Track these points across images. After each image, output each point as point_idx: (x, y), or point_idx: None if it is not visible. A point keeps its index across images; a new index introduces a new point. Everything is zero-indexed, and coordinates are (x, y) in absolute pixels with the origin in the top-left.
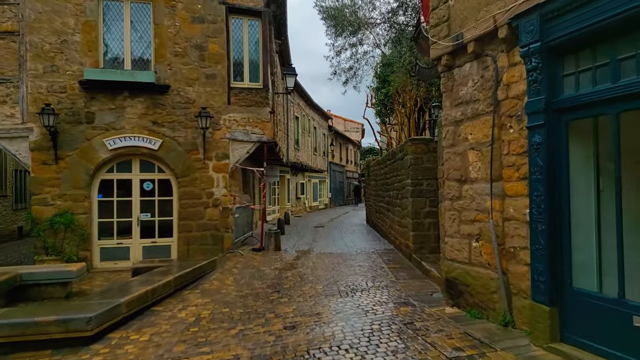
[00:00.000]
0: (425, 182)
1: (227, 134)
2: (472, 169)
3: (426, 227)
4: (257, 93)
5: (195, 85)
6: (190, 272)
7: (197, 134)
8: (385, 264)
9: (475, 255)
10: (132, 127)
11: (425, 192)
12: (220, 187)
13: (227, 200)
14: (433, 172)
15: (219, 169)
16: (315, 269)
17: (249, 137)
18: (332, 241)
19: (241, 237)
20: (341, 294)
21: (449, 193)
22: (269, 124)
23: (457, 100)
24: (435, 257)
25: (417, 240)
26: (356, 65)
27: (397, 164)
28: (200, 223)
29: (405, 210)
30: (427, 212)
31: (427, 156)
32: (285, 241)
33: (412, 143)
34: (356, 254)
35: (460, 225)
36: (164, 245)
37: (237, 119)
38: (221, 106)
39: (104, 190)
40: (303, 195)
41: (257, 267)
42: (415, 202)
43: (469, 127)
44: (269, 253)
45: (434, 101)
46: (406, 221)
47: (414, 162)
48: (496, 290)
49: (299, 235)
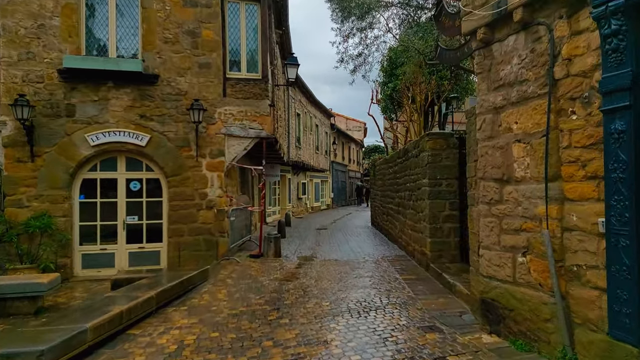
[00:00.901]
0: (444, 182)
1: (223, 129)
2: (518, 167)
3: (445, 233)
4: (256, 84)
5: (187, 75)
6: (177, 285)
7: (189, 128)
8: (399, 274)
9: (521, 272)
10: (117, 121)
11: (445, 193)
12: (215, 187)
13: (223, 201)
14: (453, 170)
15: (213, 168)
16: (320, 280)
17: (247, 133)
18: (337, 245)
19: (238, 241)
20: (352, 314)
21: (485, 196)
22: (269, 117)
23: (497, 82)
24: (457, 268)
25: (435, 248)
26: (365, 51)
27: (410, 161)
28: (193, 227)
29: (420, 213)
30: (447, 215)
31: (447, 153)
32: (286, 245)
33: (429, 138)
34: (364, 261)
35: (501, 235)
36: (153, 251)
37: (233, 113)
38: (216, 98)
39: (86, 191)
40: (304, 195)
41: (255, 277)
42: (433, 204)
43: (514, 114)
44: (268, 260)
45: (446, 95)
46: (422, 226)
47: (431, 159)
48: (551, 317)
49: (301, 239)
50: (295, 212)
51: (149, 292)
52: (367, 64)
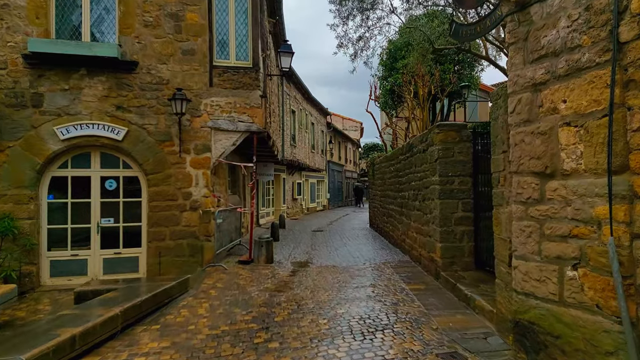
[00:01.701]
0: (456, 179)
1: (209, 122)
2: (567, 156)
3: (458, 237)
4: (246, 73)
5: (169, 63)
6: (150, 300)
7: (171, 121)
8: (405, 283)
9: (571, 290)
10: (91, 113)
11: (457, 192)
12: (200, 187)
13: (209, 202)
14: (467, 166)
15: (198, 165)
16: (316, 291)
17: (236, 126)
18: (334, 249)
19: (227, 245)
20: (354, 335)
21: (520, 194)
22: (260, 110)
23: (537, 52)
24: (472, 278)
25: (447, 254)
26: (367, 34)
27: (415, 158)
28: (175, 230)
29: (428, 215)
30: (460, 217)
31: (460, 147)
32: (279, 249)
33: (440, 130)
34: (365, 268)
35: (543, 243)
36: (130, 257)
37: (221, 104)
38: (201, 88)
39: (55, 190)
40: (300, 196)
41: (243, 287)
42: (445, 204)
43: (561, 90)
44: (258, 266)
45: (450, 89)
46: (430, 229)
47: (442, 154)
48: (615, 350)
49: (296, 242)
50: (290, 214)
51: (113, 309)
52: (368, 48)
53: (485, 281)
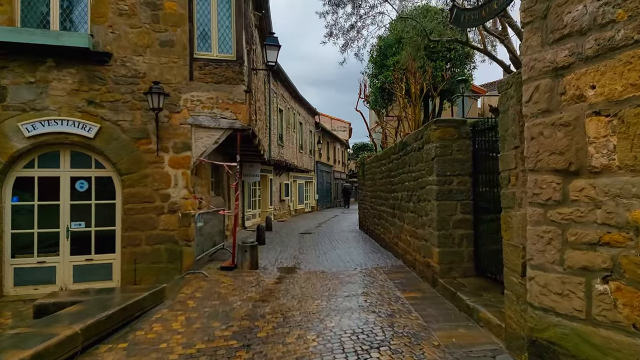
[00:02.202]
0: (455, 179)
1: (189, 119)
2: (596, 151)
3: (457, 242)
4: (229, 66)
5: (146, 55)
6: (118, 314)
7: (148, 117)
8: (400, 291)
9: (602, 306)
10: (60, 108)
11: (456, 192)
12: (180, 188)
13: (189, 204)
14: (466, 165)
15: (177, 164)
16: (304, 300)
17: (218, 123)
18: (323, 253)
19: (209, 250)
20: (347, 354)
21: (537, 194)
22: (244, 106)
23: (559, 31)
24: (473, 286)
25: (446, 259)
26: (359, 23)
27: (409, 157)
28: (152, 234)
29: (424, 217)
30: (459, 220)
31: (458, 144)
32: (265, 254)
33: (437, 126)
34: (356, 273)
35: (566, 251)
36: (103, 264)
37: (202, 99)
38: (181, 82)
39: (20, 192)
40: (288, 197)
41: (224, 296)
42: (442, 206)
43: (589, 74)
44: (242, 273)
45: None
46: (426, 232)
47: (440, 152)
48: None
49: (283, 245)
50: (277, 215)
51: (73, 327)
52: (360, 38)
53: (487, 289)
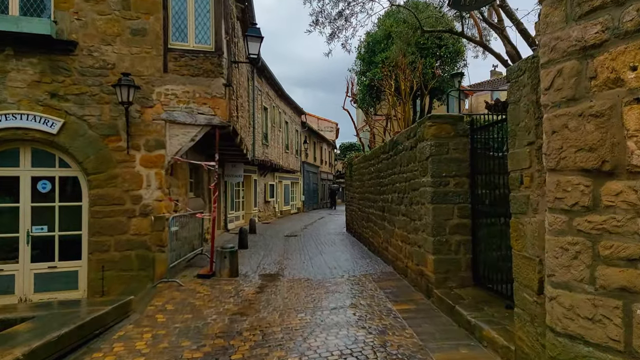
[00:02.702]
0: (452, 180)
1: (163, 114)
2: (638, 147)
3: (454, 249)
4: (207, 58)
5: (115, 44)
6: (73, 333)
7: (118, 112)
8: (392, 302)
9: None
10: (19, 101)
11: (453, 195)
12: (152, 189)
13: (163, 206)
14: (463, 165)
15: (150, 163)
16: (286, 314)
17: (195, 119)
18: (309, 258)
19: (186, 255)
20: None
21: (560, 199)
22: (223, 100)
23: (588, 3)
24: (473, 297)
25: (441, 268)
26: (347, 11)
27: (400, 156)
28: (122, 239)
29: (418, 221)
30: (456, 225)
31: (455, 142)
32: (247, 259)
33: (432, 122)
34: (343, 281)
35: (598, 268)
36: (68, 272)
37: (177, 93)
38: (154, 74)
39: None
40: (273, 198)
41: (198, 309)
42: (438, 210)
43: (629, 53)
44: (220, 281)
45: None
46: (420, 237)
47: (435, 150)
48: None
49: (266, 249)
50: (262, 217)
51: (14, 351)
52: (348, 27)
53: (489, 302)
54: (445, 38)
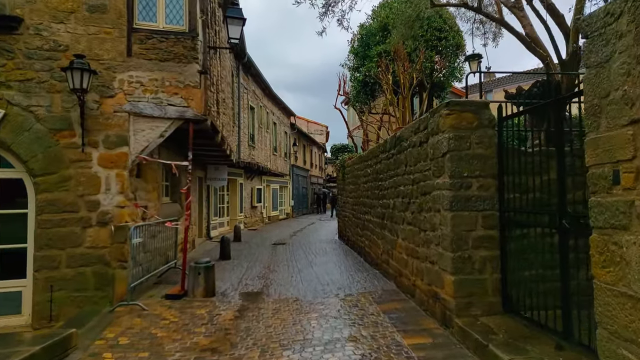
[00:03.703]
0: (475, 182)
1: (126, 105)
2: None
3: (478, 267)
4: (179, 40)
5: (69, 22)
6: None
7: (71, 103)
8: (401, 334)
9: None
10: None
11: (476, 200)
12: (113, 193)
13: (127, 214)
14: (489, 163)
15: (110, 163)
16: (269, 351)
17: (164, 111)
18: (298, 271)
19: (158, 269)
20: None
21: None
22: (198, 90)
23: None
24: (508, 331)
25: (463, 291)
26: None
27: (405, 154)
28: (76, 253)
29: (430, 232)
30: (480, 237)
31: (479, 135)
32: (228, 272)
33: (450, 110)
34: (338, 302)
35: None
36: (9, 293)
37: (143, 81)
38: (116, 58)
39: None
40: (260, 203)
41: (159, 343)
42: (458, 218)
43: None
44: (193, 303)
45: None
46: (433, 252)
47: (455, 145)
48: None
49: (251, 260)
50: (248, 223)
51: None
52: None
53: (529, 339)
54: (445, 30)
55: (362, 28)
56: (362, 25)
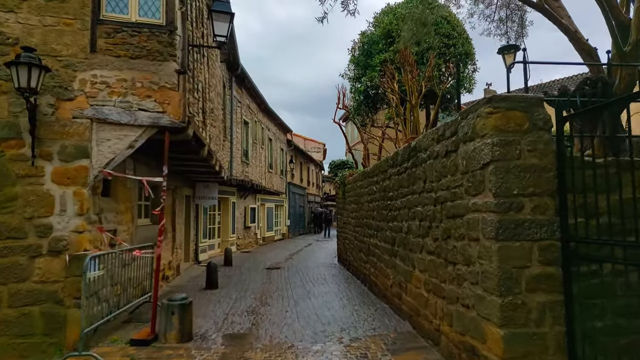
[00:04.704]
0: (527, 202)
1: (89, 110)
2: None
3: (535, 317)
4: (154, 35)
5: (21, 11)
6: None
7: (20, 106)
8: None
9: None
10: None
11: (530, 225)
12: (70, 215)
13: (87, 240)
14: (545, 178)
15: (67, 179)
16: None
17: (134, 117)
18: (294, 303)
19: (128, 306)
20: None
21: None
22: (176, 93)
23: None
24: None
25: (516, 350)
26: None
27: (424, 168)
28: (21, 290)
29: (462, 266)
30: (537, 276)
31: (531, 140)
32: (213, 305)
33: (494, 108)
34: (341, 349)
35: None
36: None
37: (109, 82)
38: (77, 55)
39: None
40: (254, 223)
41: None
42: (507, 250)
43: None
44: (163, 351)
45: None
46: (469, 293)
47: (500, 153)
48: None
49: (240, 289)
50: (241, 245)
51: None
52: None
53: None
54: (454, 37)
55: (364, 36)
56: (363, 33)
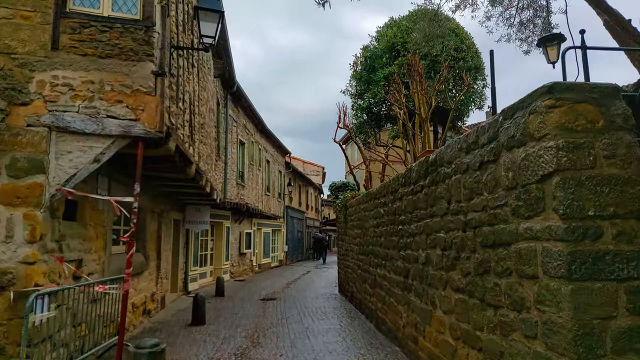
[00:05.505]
0: (609, 226)
1: (46, 116)
2: None
3: None
4: (128, 32)
5: None
6: None
7: None
8: None
9: None
10: None
11: (614, 259)
12: (18, 242)
13: (39, 273)
14: (631, 193)
15: (16, 198)
16: None
17: (101, 125)
18: (290, 345)
19: (95, 350)
20: None
21: None
22: (152, 98)
23: None
24: None
25: None
26: None
27: (447, 186)
28: None
29: (512, 312)
30: (627, 331)
31: (609, 143)
32: (197, 347)
33: (557, 100)
34: None
35: None
36: None
37: (73, 84)
38: (35, 52)
39: None
40: (249, 249)
41: None
42: (584, 294)
43: None
44: None
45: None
46: (522, 349)
47: (568, 160)
48: None
49: (231, 325)
50: (235, 273)
51: None
52: None
53: None
54: (463, 50)
55: (366, 50)
56: (365, 47)
